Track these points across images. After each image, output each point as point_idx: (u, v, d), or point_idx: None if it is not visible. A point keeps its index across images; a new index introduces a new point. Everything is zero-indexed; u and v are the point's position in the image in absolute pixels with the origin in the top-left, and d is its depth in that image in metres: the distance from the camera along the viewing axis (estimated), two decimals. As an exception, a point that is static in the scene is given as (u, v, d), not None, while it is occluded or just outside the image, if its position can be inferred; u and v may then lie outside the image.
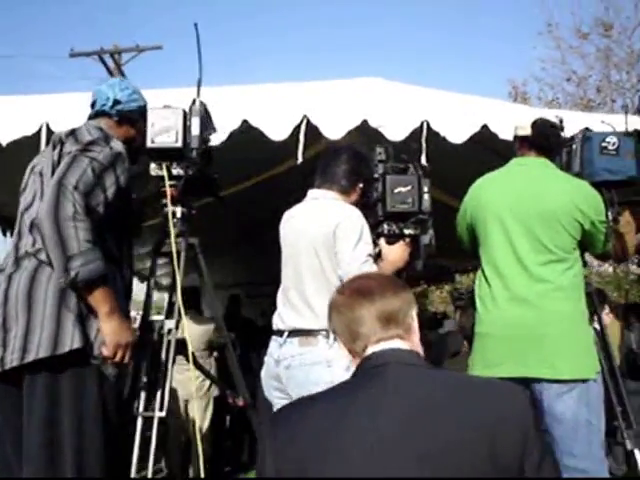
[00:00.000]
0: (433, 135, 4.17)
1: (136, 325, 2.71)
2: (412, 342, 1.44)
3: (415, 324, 1.47)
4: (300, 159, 3.84)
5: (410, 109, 4.23)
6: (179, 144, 2.32)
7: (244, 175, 5.78)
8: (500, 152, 3.65)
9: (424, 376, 1.34)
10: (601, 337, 2.92)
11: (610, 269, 17.02)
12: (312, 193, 2.61)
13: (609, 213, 2.64)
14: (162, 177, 2.36)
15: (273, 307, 2.54)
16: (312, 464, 1.26)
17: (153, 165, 2.37)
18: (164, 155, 2.36)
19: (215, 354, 5.89)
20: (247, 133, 3.89)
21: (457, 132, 4.12)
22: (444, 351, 5.50)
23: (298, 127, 3.92)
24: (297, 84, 4.36)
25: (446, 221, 2.98)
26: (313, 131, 3.94)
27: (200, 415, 5.43)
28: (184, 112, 2.37)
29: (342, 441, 1.25)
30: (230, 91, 4.21)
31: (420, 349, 1.47)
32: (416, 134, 4.23)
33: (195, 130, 2.34)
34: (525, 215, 2.58)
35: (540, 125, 2.66)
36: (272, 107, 4.09)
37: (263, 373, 2.53)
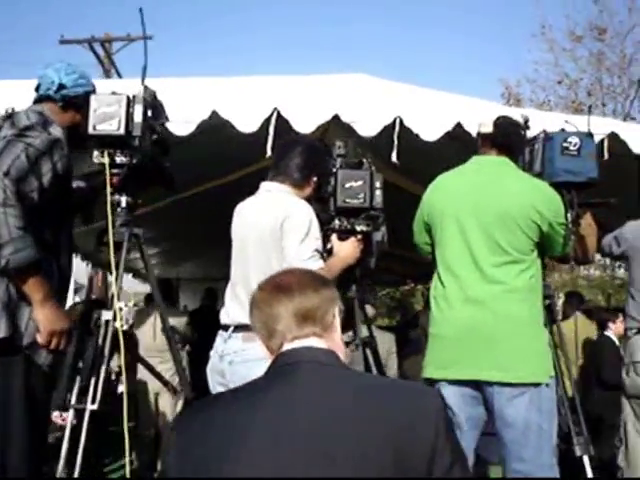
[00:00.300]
0: (406, 132, 4.17)
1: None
2: (331, 341, 1.39)
3: (337, 322, 1.42)
4: (269, 152, 3.78)
5: (383, 105, 4.20)
6: (121, 132, 2.26)
7: (226, 170, 5.74)
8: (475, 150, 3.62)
9: (335, 376, 1.29)
10: (563, 340, 2.87)
11: (597, 273, 17.06)
12: (265, 186, 2.55)
13: (569, 215, 2.58)
14: (107, 165, 2.29)
15: None
16: (215, 463, 1.22)
17: (96, 153, 2.31)
18: (106, 143, 2.30)
19: (187, 348, 5.85)
20: (215, 124, 3.84)
21: (430, 129, 4.07)
22: (420, 349, 5.49)
23: (268, 120, 3.87)
24: (269, 77, 4.30)
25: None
26: (284, 125, 3.89)
27: (170, 409, 5.39)
28: (128, 99, 2.31)
29: (247, 440, 1.21)
30: (200, 82, 4.16)
31: (341, 348, 1.42)
32: (389, 130, 4.23)
33: (138, 117, 2.27)
34: (482, 215, 2.52)
35: (502, 123, 2.61)
36: (242, 99, 4.03)
37: (208, 368, 2.48)
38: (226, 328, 2.43)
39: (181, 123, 3.79)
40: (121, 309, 2.24)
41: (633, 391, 2.97)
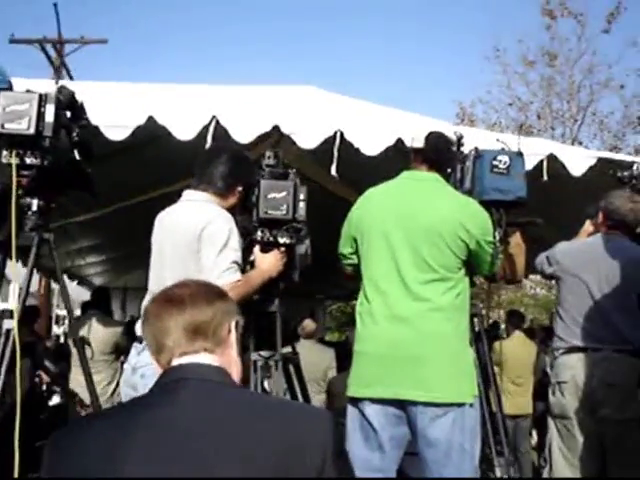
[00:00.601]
0: (348, 145, 4.14)
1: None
2: (225, 356, 1.32)
3: (232, 337, 1.35)
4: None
5: (325, 117, 4.18)
6: (31, 131, 2.15)
7: (169, 178, 5.66)
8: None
9: (220, 395, 1.22)
10: (489, 360, 2.85)
11: (542, 292, 17.37)
12: (187, 194, 2.47)
13: (497, 234, 2.56)
14: (18, 166, 2.17)
15: None
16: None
17: (5, 152, 2.19)
18: (16, 142, 2.19)
19: (122, 358, 5.69)
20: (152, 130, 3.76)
21: (371, 144, 4.06)
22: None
23: (207, 128, 3.81)
24: (210, 86, 4.24)
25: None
26: (222, 133, 3.83)
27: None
28: (40, 97, 2.20)
29: (123, 460, 1.13)
30: (137, 88, 4.07)
31: (236, 365, 1.35)
32: (329, 143, 4.20)
33: (49, 117, 2.17)
34: (410, 231, 2.49)
35: (433, 138, 2.58)
36: (181, 106, 3.96)
37: (122, 380, 2.37)
38: (140, 340, 2.34)
39: (116, 127, 3.75)
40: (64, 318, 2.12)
41: (558, 411, 2.98)
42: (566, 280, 3.07)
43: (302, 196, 2.40)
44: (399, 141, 3.85)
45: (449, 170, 2.65)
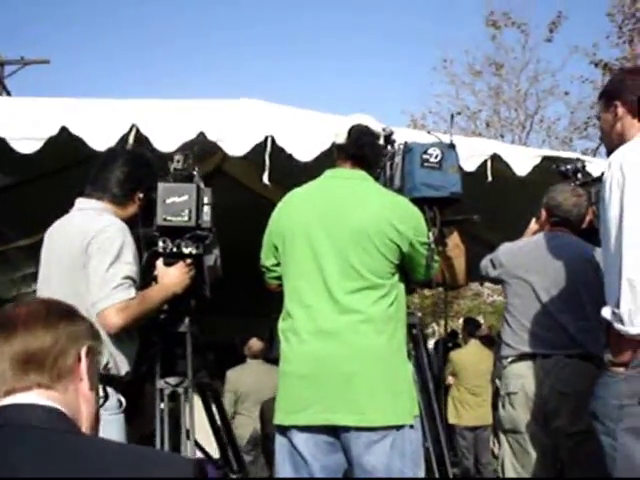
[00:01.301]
0: (280, 151, 3.93)
1: None
2: (70, 393, 1.04)
3: (82, 367, 1.07)
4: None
5: (256, 124, 3.99)
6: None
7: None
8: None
9: (49, 449, 0.93)
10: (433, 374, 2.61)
11: (500, 298, 17.34)
12: (79, 203, 2.18)
13: (431, 234, 2.33)
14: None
15: None
16: None
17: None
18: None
19: None
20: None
21: (305, 149, 3.85)
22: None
23: (126, 137, 3.55)
24: (128, 100, 3.97)
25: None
26: (143, 142, 3.58)
27: None
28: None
29: None
30: (50, 101, 3.81)
31: (87, 403, 1.07)
32: (260, 149, 3.99)
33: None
34: (335, 235, 2.24)
35: (355, 133, 2.35)
36: (97, 116, 3.69)
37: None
38: None
39: (29, 140, 3.52)
40: None
41: (509, 425, 2.74)
42: (511, 283, 2.85)
43: (207, 199, 2.13)
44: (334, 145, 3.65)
45: (378, 167, 2.41)
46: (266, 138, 3.91)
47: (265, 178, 3.83)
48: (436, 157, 2.40)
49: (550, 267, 2.76)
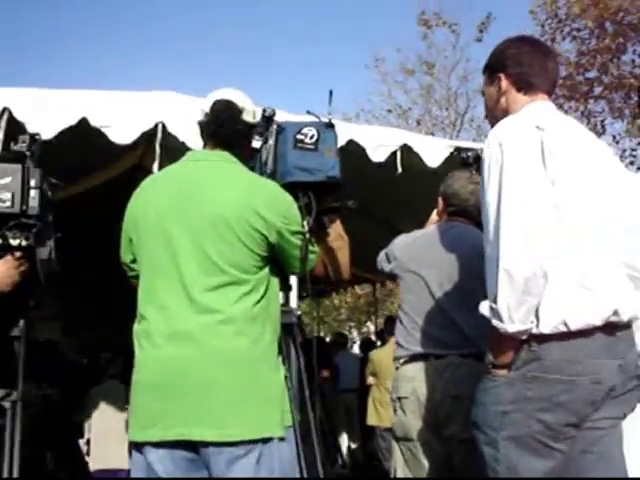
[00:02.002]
0: (172, 138, 3.71)
1: None
2: None
3: None
4: None
5: (143, 111, 3.75)
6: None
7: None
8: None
9: None
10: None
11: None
12: None
13: (305, 222, 2.08)
14: None
15: None
16: None
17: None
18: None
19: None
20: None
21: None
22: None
23: None
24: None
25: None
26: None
27: None
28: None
29: None
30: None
31: None
32: (150, 137, 3.75)
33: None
34: (192, 225, 1.97)
35: (216, 108, 2.09)
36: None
37: None
38: None
39: None
40: None
41: (401, 433, 2.52)
42: (404, 278, 2.63)
43: (34, 182, 1.81)
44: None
45: (244, 148, 2.15)
46: (156, 125, 3.68)
47: (155, 167, 3.57)
48: (311, 137, 2.15)
49: (444, 260, 2.55)
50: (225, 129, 2.07)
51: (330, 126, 2.19)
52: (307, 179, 2.14)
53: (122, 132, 3.59)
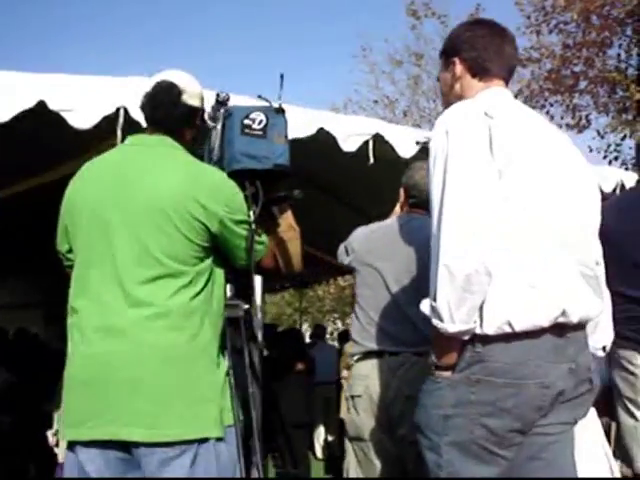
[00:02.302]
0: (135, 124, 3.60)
1: None
2: None
3: None
4: None
5: (104, 96, 3.63)
6: None
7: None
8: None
9: None
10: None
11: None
12: None
13: (251, 212, 1.98)
14: None
15: None
16: None
17: None
18: None
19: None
20: None
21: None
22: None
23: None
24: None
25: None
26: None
27: None
28: None
29: None
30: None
31: None
32: (111, 120, 3.62)
33: None
34: (128, 214, 1.87)
35: (153, 91, 1.99)
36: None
37: None
38: None
39: None
40: None
41: (353, 432, 2.43)
42: (361, 271, 2.54)
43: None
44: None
45: (183, 131, 2.04)
46: (117, 110, 3.56)
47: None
48: (260, 123, 2.04)
49: (402, 253, 2.45)
50: (160, 111, 1.97)
51: (280, 111, 2.09)
52: (254, 167, 2.03)
53: (82, 116, 3.46)
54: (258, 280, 3.71)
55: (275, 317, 22.05)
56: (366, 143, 4.13)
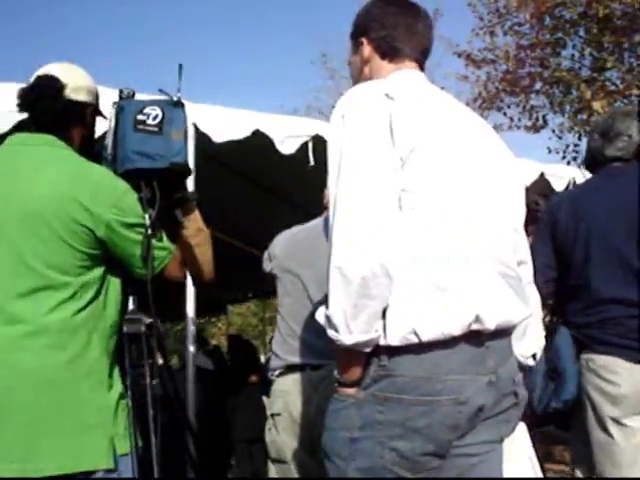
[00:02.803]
0: None
1: None
2: None
3: None
4: None
5: None
6: None
7: None
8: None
9: None
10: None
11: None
12: None
13: (147, 216, 1.78)
14: None
15: None
16: None
17: None
18: None
19: None
20: None
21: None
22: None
23: None
24: None
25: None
26: None
27: None
28: None
29: None
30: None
31: None
32: None
33: None
34: (6, 221, 1.67)
35: (32, 84, 1.80)
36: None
37: None
38: None
39: None
40: None
41: (275, 454, 2.24)
42: (282, 279, 2.35)
43: None
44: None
45: (70, 130, 1.84)
46: None
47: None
48: (155, 118, 1.84)
49: (324, 257, 2.26)
50: (38, 108, 1.77)
51: (178, 105, 1.89)
52: (149, 166, 1.83)
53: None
54: (191, 291, 3.51)
55: (240, 328, 21.77)
56: (305, 144, 3.97)
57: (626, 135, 2.40)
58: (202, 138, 3.61)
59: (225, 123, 3.86)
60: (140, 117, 1.85)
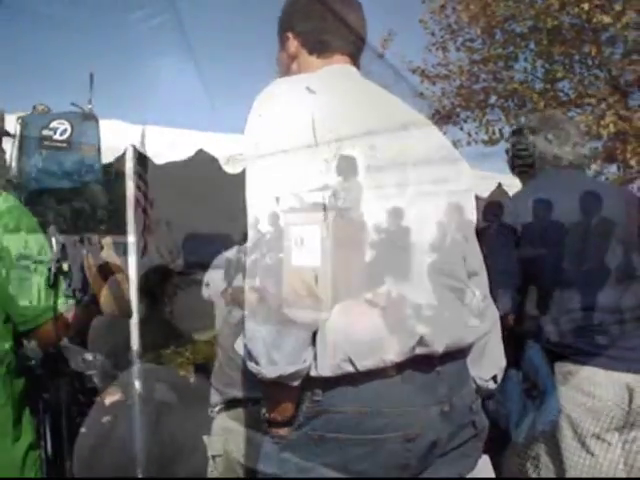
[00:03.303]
0: None
1: None
2: None
3: None
4: None
5: None
6: None
7: None
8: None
9: None
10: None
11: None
12: None
13: (55, 244, 1.58)
14: None
15: None
16: None
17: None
18: None
19: None
20: None
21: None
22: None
23: None
24: None
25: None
26: None
27: None
28: None
29: None
30: None
31: None
32: None
33: None
34: None
35: None
36: None
37: None
38: None
39: None
40: None
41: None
42: (219, 305, 2.17)
43: None
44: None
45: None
46: None
47: None
48: (63, 133, 1.66)
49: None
50: None
51: (90, 118, 1.71)
52: (57, 186, 1.64)
53: None
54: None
55: (208, 356, 21.32)
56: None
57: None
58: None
59: (169, 144, 3.69)
60: (46, 132, 1.66)
